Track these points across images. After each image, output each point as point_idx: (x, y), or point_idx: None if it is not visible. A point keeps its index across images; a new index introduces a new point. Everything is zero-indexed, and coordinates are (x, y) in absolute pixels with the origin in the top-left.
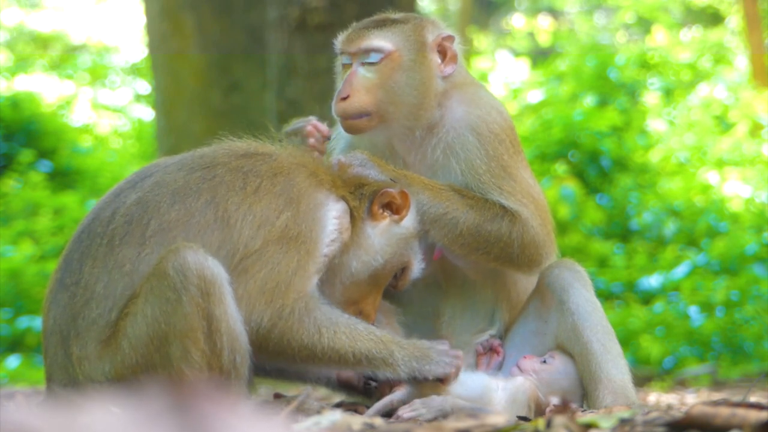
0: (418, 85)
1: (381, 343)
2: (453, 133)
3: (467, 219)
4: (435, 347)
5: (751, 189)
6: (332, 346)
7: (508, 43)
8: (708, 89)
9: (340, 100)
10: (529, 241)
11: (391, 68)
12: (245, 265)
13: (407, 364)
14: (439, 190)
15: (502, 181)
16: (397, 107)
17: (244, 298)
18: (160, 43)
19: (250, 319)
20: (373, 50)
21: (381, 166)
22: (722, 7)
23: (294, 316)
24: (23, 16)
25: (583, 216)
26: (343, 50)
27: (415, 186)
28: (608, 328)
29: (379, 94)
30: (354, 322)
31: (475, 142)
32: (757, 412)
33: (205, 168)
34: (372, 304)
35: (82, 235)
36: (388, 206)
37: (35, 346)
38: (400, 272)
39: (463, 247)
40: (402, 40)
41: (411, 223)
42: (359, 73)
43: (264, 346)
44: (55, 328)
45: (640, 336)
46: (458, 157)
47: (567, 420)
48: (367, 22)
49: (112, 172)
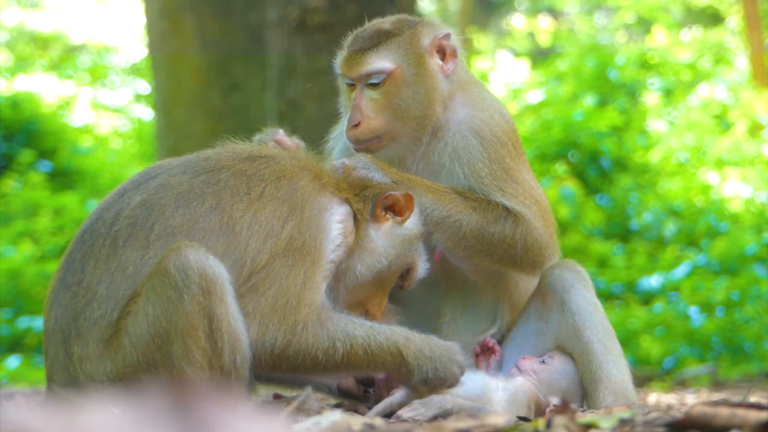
0: (423, 97)
1: (398, 356)
2: (457, 137)
3: (471, 221)
4: (445, 347)
5: (751, 189)
6: (347, 361)
7: (508, 43)
8: (708, 89)
9: (352, 128)
10: (532, 243)
11: (395, 86)
12: (254, 282)
13: (421, 375)
14: (442, 192)
15: (505, 184)
16: (406, 122)
17: (257, 317)
18: (160, 43)
19: (264, 339)
20: (375, 73)
21: (384, 169)
22: (722, 7)
23: (308, 331)
24: (23, 16)
25: (583, 216)
26: (343, 74)
27: (418, 188)
28: (609, 329)
29: (387, 114)
30: (373, 332)
31: (478, 145)
32: (757, 412)
33: (209, 171)
34: (378, 306)
35: (85, 235)
36: (391, 208)
37: (35, 346)
38: (406, 273)
39: (466, 249)
40: (401, 54)
41: (414, 224)
42: (365, 97)
43: (278, 365)
44: (56, 328)
45: (640, 336)
46: (461, 160)
47: (567, 420)
48: (362, 41)
49: (112, 172)
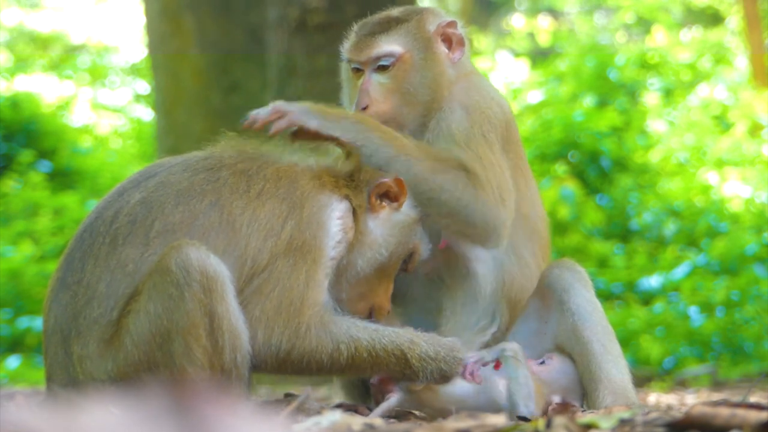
0: (431, 82)
1: (402, 358)
2: (447, 111)
3: (421, 165)
4: (448, 346)
5: (751, 189)
6: (352, 364)
7: (508, 43)
8: (708, 89)
9: (360, 111)
10: (482, 201)
11: (404, 70)
12: (258, 284)
13: (425, 375)
14: (393, 135)
15: (475, 144)
16: (413, 107)
17: (262, 320)
18: (160, 43)
19: (270, 342)
20: (384, 56)
21: (323, 112)
22: (722, 7)
23: (311, 333)
24: (23, 17)
25: (583, 216)
26: (351, 59)
27: (366, 124)
28: (608, 329)
29: (395, 99)
30: (378, 336)
31: (462, 113)
32: (757, 412)
33: (209, 169)
34: (384, 295)
35: (85, 234)
36: (386, 195)
37: (35, 346)
38: (408, 257)
39: (417, 197)
40: (409, 39)
41: (410, 208)
42: (373, 81)
43: (284, 367)
44: (56, 327)
45: (640, 336)
46: (441, 127)
47: (567, 420)
48: (371, 26)
49: (111, 172)
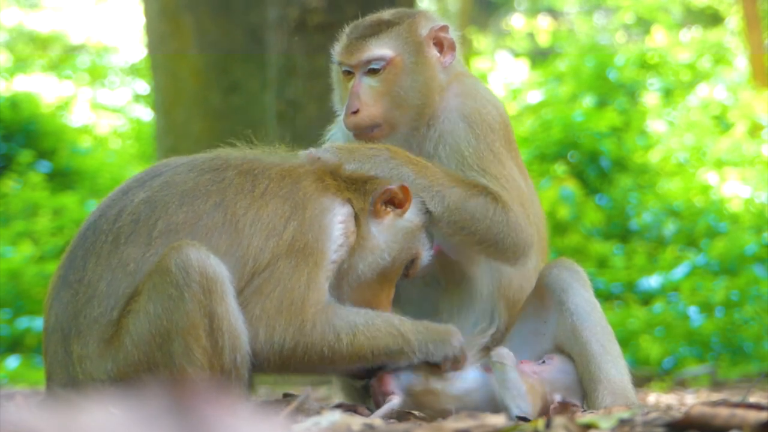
0: (421, 86)
1: (399, 335)
2: (446, 123)
3: (453, 193)
4: (441, 327)
5: (751, 189)
6: (352, 350)
7: (507, 43)
8: (707, 89)
9: (351, 114)
10: (512, 224)
11: (394, 74)
12: (258, 283)
13: (422, 350)
14: (423, 165)
15: (488, 164)
16: (404, 111)
17: (263, 319)
18: (160, 43)
19: (272, 341)
20: (375, 59)
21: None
22: (722, 7)
23: (316, 329)
24: (22, 17)
25: (583, 216)
26: (342, 62)
27: (399, 159)
28: (607, 329)
29: (385, 102)
30: (371, 317)
31: (465, 127)
32: (757, 412)
33: (215, 170)
34: (386, 300)
35: (88, 232)
36: (391, 202)
37: (35, 346)
38: (410, 263)
39: (449, 225)
40: (400, 43)
41: (415, 215)
42: (364, 84)
43: (286, 365)
44: (56, 326)
45: (640, 336)
46: (446, 143)
47: (567, 420)
48: (362, 28)
49: (111, 172)
